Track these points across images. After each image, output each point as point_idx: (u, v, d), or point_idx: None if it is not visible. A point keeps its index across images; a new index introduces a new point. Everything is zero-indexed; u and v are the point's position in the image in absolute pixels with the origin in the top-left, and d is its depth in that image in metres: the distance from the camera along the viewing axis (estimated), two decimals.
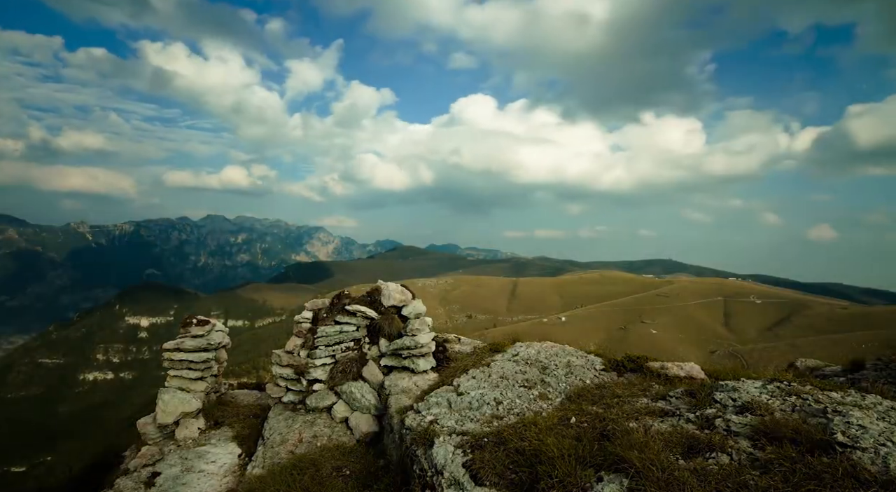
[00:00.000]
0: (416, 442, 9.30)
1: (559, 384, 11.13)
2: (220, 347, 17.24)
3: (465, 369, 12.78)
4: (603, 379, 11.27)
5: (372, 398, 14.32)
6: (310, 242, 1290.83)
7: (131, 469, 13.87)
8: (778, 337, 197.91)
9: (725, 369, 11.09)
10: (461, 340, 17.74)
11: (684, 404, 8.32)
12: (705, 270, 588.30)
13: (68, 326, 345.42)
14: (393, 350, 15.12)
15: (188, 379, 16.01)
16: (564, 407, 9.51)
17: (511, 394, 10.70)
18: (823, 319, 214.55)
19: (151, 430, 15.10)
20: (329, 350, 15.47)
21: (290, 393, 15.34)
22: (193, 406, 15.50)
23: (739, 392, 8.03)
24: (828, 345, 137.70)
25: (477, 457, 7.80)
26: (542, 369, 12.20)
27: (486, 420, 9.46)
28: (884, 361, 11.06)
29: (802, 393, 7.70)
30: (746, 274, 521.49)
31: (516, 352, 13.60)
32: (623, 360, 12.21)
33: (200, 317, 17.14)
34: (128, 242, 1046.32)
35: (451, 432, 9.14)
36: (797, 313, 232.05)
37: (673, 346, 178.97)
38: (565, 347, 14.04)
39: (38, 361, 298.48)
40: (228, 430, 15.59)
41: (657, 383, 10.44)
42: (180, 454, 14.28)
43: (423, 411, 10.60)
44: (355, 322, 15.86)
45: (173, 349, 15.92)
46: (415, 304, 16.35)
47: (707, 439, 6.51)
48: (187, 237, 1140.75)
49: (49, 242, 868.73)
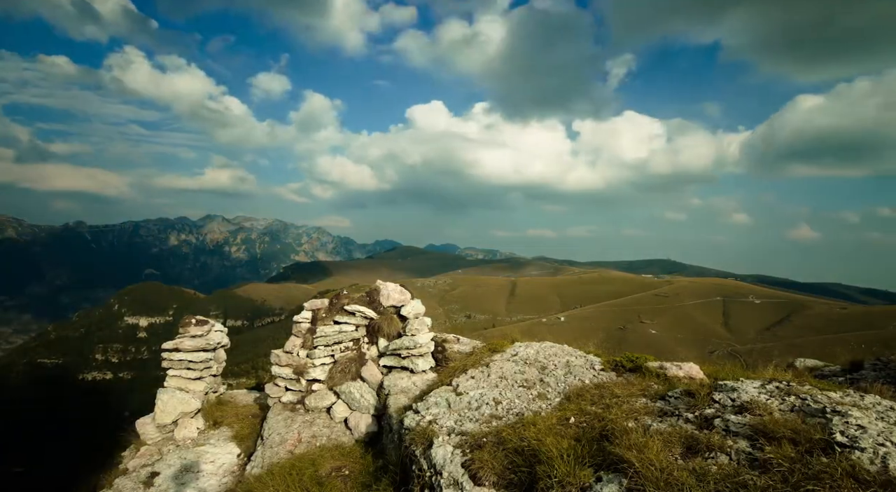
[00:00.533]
0: (415, 442, 9.29)
1: (558, 384, 11.12)
2: (218, 347, 17.25)
3: (464, 369, 12.77)
4: (602, 379, 11.25)
5: (371, 398, 14.32)
6: (308, 242, 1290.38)
7: (130, 469, 13.89)
8: (777, 337, 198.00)
9: (724, 370, 11.08)
10: (460, 340, 17.73)
11: (683, 404, 8.32)
12: (705, 271, 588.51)
13: (67, 326, 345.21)
14: (392, 350, 15.11)
15: (187, 379, 16.04)
16: (563, 407, 9.49)
17: (510, 394, 10.70)
18: (822, 320, 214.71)
19: (150, 430, 15.11)
20: (328, 350, 15.48)
21: (289, 393, 15.33)
22: (192, 406, 15.51)
23: (738, 392, 8.02)
24: (827, 345, 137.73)
25: (476, 457, 7.80)
26: (541, 368, 12.18)
27: (485, 420, 9.46)
28: (883, 361, 11.07)
29: (801, 393, 7.69)
30: (745, 274, 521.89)
31: (515, 352, 13.58)
32: (622, 360, 12.19)
33: (199, 317, 17.16)
34: (127, 242, 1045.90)
35: (450, 432, 9.14)
36: (796, 313, 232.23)
37: (672, 346, 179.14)
38: (564, 347, 14.03)
39: (36, 361, 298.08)
40: (227, 430, 15.60)
41: (656, 382, 10.43)
42: (179, 454, 14.29)
43: (423, 411, 10.59)
44: (354, 322, 15.87)
45: (172, 349, 15.94)
46: (414, 304, 16.35)
47: (706, 439, 6.50)
48: (186, 237, 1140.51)
49: (48, 242, 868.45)
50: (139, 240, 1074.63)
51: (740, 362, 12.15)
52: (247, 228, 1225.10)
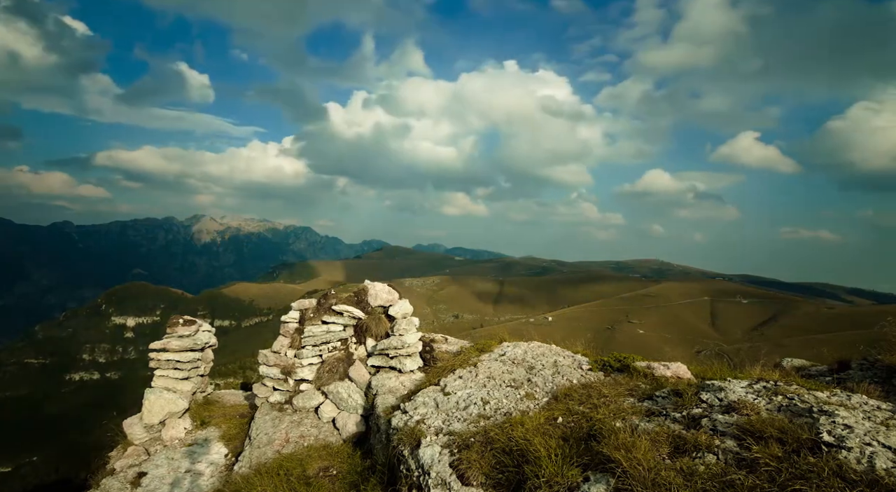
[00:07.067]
0: (402, 442, 9.28)
1: (546, 384, 11.13)
2: (206, 347, 17.19)
3: (451, 369, 12.77)
4: (590, 379, 11.26)
5: (359, 398, 14.30)
6: (296, 242, 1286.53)
7: (117, 469, 13.82)
8: (764, 337, 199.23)
9: (712, 369, 11.13)
10: (448, 340, 17.73)
11: (671, 403, 8.34)
12: (692, 271, 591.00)
13: (54, 326, 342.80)
14: (380, 350, 15.11)
15: (175, 379, 15.98)
16: (551, 407, 9.51)
17: (498, 394, 10.70)
18: (809, 319, 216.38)
19: (138, 430, 15.04)
20: (316, 350, 15.46)
21: (277, 393, 15.28)
22: (180, 406, 15.45)
23: (726, 392, 8.04)
24: (814, 345, 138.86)
25: (464, 457, 7.80)
26: (529, 368, 12.20)
27: (473, 420, 9.45)
28: (869, 360, 11.11)
29: (788, 393, 7.72)
30: (733, 274, 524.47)
31: (503, 352, 13.59)
32: (610, 360, 12.22)
33: (187, 317, 17.09)
34: (114, 242, 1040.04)
35: (438, 432, 9.14)
36: (783, 313, 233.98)
37: (659, 345, 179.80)
38: (552, 347, 14.05)
39: (23, 362, 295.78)
40: (215, 430, 15.54)
41: (644, 382, 10.45)
42: (167, 454, 14.23)
43: (410, 411, 10.59)
44: (342, 322, 15.85)
45: (160, 349, 15.88)
46: (402, 304, 16.35)
47: (693, 439, 6.52)
48: (174, 237, 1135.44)
49: (35, 241, 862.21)
50: (127, 240, 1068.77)
51: (727, 362, 12.18)
52: (234, 228, 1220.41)
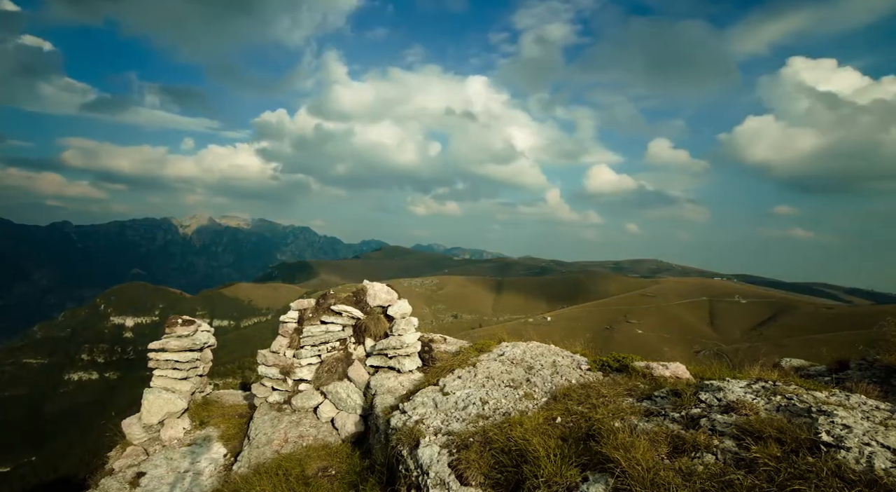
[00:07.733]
0: (401, 442, 9.27)
1: (545, 384, 11.12)
2: (205, 347, 17.18)
3: (450, 369, 12.77)
4: (588, 379, 11.26)
5: (358, 398, 14.29)
6: (295, 242, 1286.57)
7: (116, 469, 13.81)
8: (763, 337, 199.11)
9: (710, 369, 11.12)
10: (447, 340, 17.74)
11: (669, 403, 8.33)
12: (691, 271, 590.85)
13: (53, 326, 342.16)
14: (379, 350, 15.11)
15: (173, 379, 15.97)
16: (550, 407, 9.50)
17: (497, 394, 10.69)
18: (808, 319, 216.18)
19: (136, 430, 15.03)
20: (315, 350, 15.46)
21: (276, 393, 15.28)
22: (178, 406, 15.43)
23: (724, 392, 8.04)
24: (813, 345, 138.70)
25: (463, 457, 7.79)
26: (528, 368, 12.19)
27: (471, 420, 9.44)
28: (868, 361, 11.11)
29: (787, 393, 7.72)
30: (731, 274, 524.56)
31: (502, 352, 13.58)
32: (609, 360, 12.21)
33: (186, 317, 17.08)
34: (113, 242, 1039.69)
35: (436, 432, 9.13)
36: (782, 313, 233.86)
37: (658, 345, 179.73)
38: (551, 347, 14.05)
39: (22, 362, 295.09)
40: (214, 430, 15.52)
41: (642, 382, 10.45)
42: (165, 454, 14.21)
43: (409, 411, 10.58)
44: (341, 322, 15.85)
45: (159, 349, 15.87)
46: (400, 304, 16.35)
47: (692, 439, 6.51)
48: (172, 237, 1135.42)
49: (34, 241, 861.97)
50: (125, 240, 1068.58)
51: (726, 362, 12.17)
52: (233, 228, 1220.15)
